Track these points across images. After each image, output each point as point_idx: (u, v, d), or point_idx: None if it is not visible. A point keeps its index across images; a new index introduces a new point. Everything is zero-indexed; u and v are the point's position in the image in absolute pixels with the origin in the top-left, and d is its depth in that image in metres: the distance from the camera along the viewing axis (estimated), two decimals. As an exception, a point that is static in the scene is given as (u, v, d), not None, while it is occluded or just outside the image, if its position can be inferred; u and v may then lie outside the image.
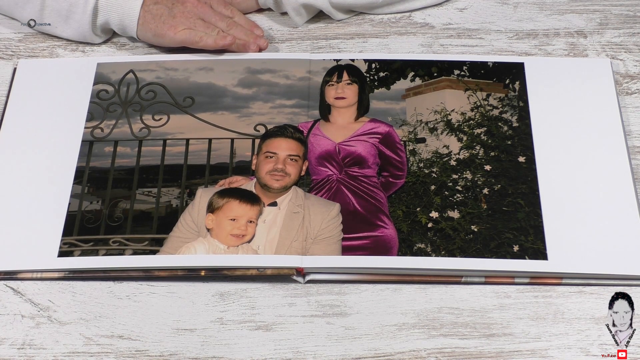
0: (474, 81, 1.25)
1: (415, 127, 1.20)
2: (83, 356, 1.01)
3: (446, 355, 1.00)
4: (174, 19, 1.22)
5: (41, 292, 1.06)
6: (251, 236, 1.10)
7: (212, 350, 1.01)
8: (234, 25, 1.25)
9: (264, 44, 1.26)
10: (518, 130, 1.19)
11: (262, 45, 1.26)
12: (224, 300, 1.05)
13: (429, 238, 1.10)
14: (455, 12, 1.37)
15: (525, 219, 1.10)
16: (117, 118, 1.22)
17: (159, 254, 1.09)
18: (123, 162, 1.18)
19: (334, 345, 1.01)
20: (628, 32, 1.33)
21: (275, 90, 1.24)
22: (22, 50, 1.32)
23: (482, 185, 1.15)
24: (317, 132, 1.20)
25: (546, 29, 1.34)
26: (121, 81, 1.25)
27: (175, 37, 1.23)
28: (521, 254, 1.07)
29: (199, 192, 1.14)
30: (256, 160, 1.17)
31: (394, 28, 1.35)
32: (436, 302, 1.05)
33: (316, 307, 1.05)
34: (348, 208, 1.13)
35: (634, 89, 1.26)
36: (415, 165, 1.17)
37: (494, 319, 1.03)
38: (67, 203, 1.13)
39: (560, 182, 1.13)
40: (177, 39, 1.24)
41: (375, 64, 1.27)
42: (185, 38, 1.23)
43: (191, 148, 1.19)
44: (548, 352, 1.00)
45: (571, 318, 1.03)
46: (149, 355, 1.01)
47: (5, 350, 1.01)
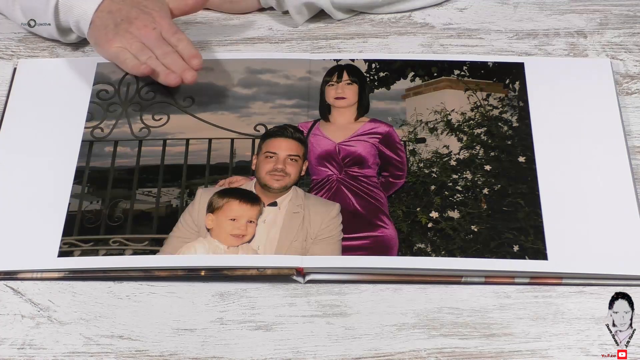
0: (474, 81, 1.25)
1: (415, 127, 1.20)
2: (83, 356, 1.01)
3: (446, 355, 1.00)
4: (115, 34, 1.20)
5: (41, 292, 1.06)
6: (251, 236, 1.10)
7: (212, 350, 1.01)
8: (170, 54, 1.20)
9: (189, 77, 1.18)
10: (518, 130, 1.19)
11: (186, 78, 1.18)
12: (224, 300, 1.05)
13: (429, 238, 1.10)
14: (455, 12, 1.37)
15: (525, 219, 1.10)
16: (117, 118, 1.22)
17: (159, 254, 1.09)
18: (123, 162, 1.18)
19: (334, 345, 1.01)
20: (628, 32, 1.33)
21: (275, 90, 1.24)
22: (22, 50, 1.32)
23: (482, 185, 1.15)
24: (317, 132, 1.20)
25: (546, 29, 1.34)
26: (121, 81, 1.25)
27: (108, 51, 1.21)
28: (521, 254, 1.07)
29: (199, 192, 1.14)
30: (256, 160, 1.17)
31: (394, 28, 1.35)
32: (436, 302, 1.05)
33: (316, 307, 1.05)
34: (348, 208, 1.13)
35: (634, 89, 1.26)
36: (415, 165, 1.17)
37: (494, 319, 1.03)
38: (67, 203, 1.13)
39: (560, 182, 1.13)
40: (109, 53, 1.21)
41: (375, 64, 1.27)
42: (114, 55, 1.20)
43: (191, 148, 1.19)
44: (548, 352, 1.00)
45: (571, 318, 1.03)
46: (149, 355, 1.01)
47: (5, 350, 1.01)
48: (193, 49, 1.20)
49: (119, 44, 1.20)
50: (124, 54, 1.20)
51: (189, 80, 1.18)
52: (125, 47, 1.20)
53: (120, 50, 1.20)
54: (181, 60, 1.20)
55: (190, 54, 1.20)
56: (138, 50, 1.20)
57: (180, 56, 1.20)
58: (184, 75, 1.18)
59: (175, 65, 1.19)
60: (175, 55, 1.20)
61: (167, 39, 1.21)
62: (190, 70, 1.19)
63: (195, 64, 1.19)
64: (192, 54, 1.20)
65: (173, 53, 1.20)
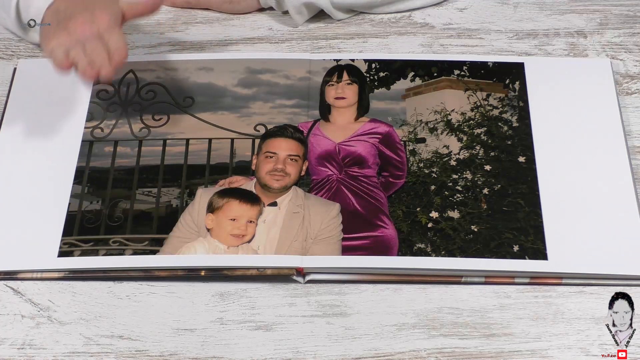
0: (474, 81, 1.25)
1: (415, 127, 1.20)
2: (83, 356, 1.01)
3: (446, 355, 1.00)
4: (54, 33, 1.14)
5: (41, 292, 1.06)
6: (251, 236, 1.10)
7: (212, 350, 1.01)
8: (97, 50, 1.12)
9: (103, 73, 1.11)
10: (518, 130, 1.19)
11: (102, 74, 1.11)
12: (224, 300, 1.05)
13: (429, 238, 1.10)
14: (455, 12, 1.37)
15: (525, 219, 1.10)
16: (117, 118, 1.22)
17: (159, 254, 1.09)
18: (123, 162, 1.18)
19: (334, 345, 1.01)
20: (628, 32, 1.33)
21: (275, 90, 1.24)
22: (22, 50, 1.32)
23: (482, 185, 1.15)
24: (317, 132, 1.20)
25: (546, 29, 1.34)
26: (121, 81, 1.25)
27: (45, 49, 1.15)
28: (521, 254, 1.07)
29: (199, 192, 1.14)
30: (256, 160, 1.17)
31: (394, 28, 1.35)
32: (436, 302, 1.05)
33: (316, 307, 1.05)
34: (348, 208, 1.13)
35: (634, 89, 1.26)
36: (415, 165, 1.17)
37: (494, 319, 1.03)
38: (67, 203, 1.13)
39: (560, 182, 1.13)
40: (46, 51, 1.15)
41: (375, 64, 1.27)
42: (48, 53, 1.14)
43: (191, 148, 1.19)
44: (548, 352, 1.00)
45: (571, 318, 1.03)
46: (149, 355, 1.01)
47: (5, 350, 1.01)
48: (120, 42, 1.12)
49: (54, 42, 1.14)
50: (57, 51, 1.13)
51: (104, 77, 1.12)
52: (60, 44, 1.13)
53: (55, 47, 1.13)
54: (105, 55, 1.12)
55: (114, 48, 1.12)
56: (70, 47, 1.13)
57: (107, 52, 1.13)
58: (101, 70, 1.11)
59: (97, 60, 1.11)
60: (101, 51, 1.12)
61: (102, 35, 1.13)
62: (107, 67, 1.11)
63: (116, 59, 1.11)
64: (116, 47, 1.12)
65: (101, 49, 1.12)
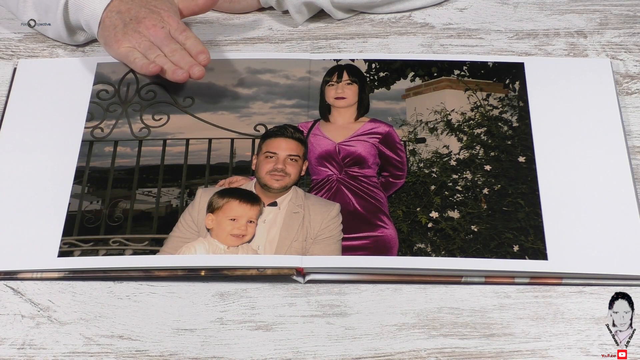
0: (474, 81, 1.25)
1: (415, 127, 1.20)
2: (83, 356, 1.01)
3: (446, 355, 1.00)
4: (124, 34, 1.21)
5: (41, 292, 1.06)
6: (251, 236, 1.10)
7: (212, 350, 1.01)
8: (178, 51, 1.21)
9: (196, 72, 1.18)
10: (518, 130, 1.19)
11: (194, 74, 1.18)
12: (224, 300, 1.05)
13: (429, 238, 1.10)
14: (455, 12, 1.37)
15: (525, 219, 1.10)
16: (117, 118, 1.22)
17: (159, 254, 1.09)
18: (123, 162, 1.18)
19: (334, 345, 1.01)
20: (628, 32, 1.33)
21: (275, 90, 1.24)
22: (22, 50, 1.32)
23: (482, 185, 1.15)
24: (317, 132, 1.20)
25: (546, 29, 1.34)
26: (121, 81, 1.25)
27: (117, 51, 1.22)
28: (521, 254, 1.07)
29: (199, 192, 1.14)
30: (256, 160, 1.17)
31: (394, 28, 1.35)
32: (436, 302, 1.05)
33: (316, 307, 1.05)
34: (348, 208, 1.13)
35: (634, 89, 1.26)
36: (415, 165, 1.17)
37: (494, 319, 1.03)
38: (67, 203, 1.13)
39: (560, 182, 1.14)
40: (118, 53, 1.22)
41: (375, 64, 1.27)
42: (124, 55, 1.21)
43: (191, 148, 1.19)
44: (548, 352, 1.00)
45: (571, 318, 1.03)
46: (149, 355, 1.01)
47: (5, 350, 1.01)
48: (201, 45, 1.21)
49: (128, 44, 1.21)
50: (133, 54, 1.21)
51: (197, 76, 1.19)
52: (134, 46, 1.21)
53: (130, 50, 1.21)
54: (189, 56, 1.20)
55: (197, 50, 1.20)
56: (146, 49, 1.21)
57: (188, 53, 1.21)
58: (192, 70, 1.19)
59: (182, 62, 1.20)
60: (183, 52, 1.21)
61: (175, 37, 1.22)
62: (198, 66, 1.19)
63: (203, 60, 1.20)
64: (199, 49, 1.20)
65: (181, 50, 1.21)
